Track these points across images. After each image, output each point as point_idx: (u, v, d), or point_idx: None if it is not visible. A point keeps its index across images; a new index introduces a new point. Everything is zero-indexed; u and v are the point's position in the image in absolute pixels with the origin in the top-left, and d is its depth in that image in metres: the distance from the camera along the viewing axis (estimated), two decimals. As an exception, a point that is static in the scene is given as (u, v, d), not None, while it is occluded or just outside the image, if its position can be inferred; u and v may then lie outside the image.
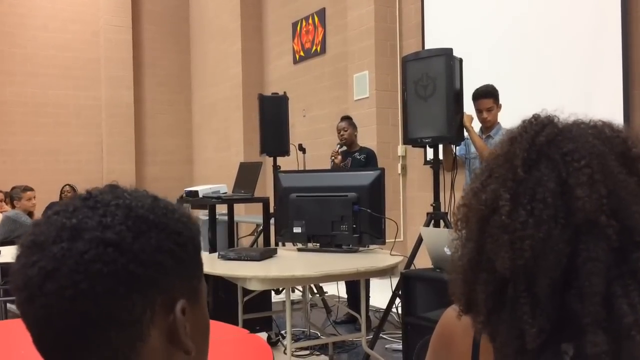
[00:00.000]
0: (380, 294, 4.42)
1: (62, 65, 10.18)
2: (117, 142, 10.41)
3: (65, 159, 10.16)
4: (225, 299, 3.50)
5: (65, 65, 10.21)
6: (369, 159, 4.59)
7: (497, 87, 3.81)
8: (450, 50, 3.50)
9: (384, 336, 3.95)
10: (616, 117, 4.43)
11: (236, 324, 3.36)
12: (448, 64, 3.46)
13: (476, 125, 3.78)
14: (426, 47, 5.92)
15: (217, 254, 3.13)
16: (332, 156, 4.58)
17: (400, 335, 2.94)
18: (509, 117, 4.18)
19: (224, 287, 3.46)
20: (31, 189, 5.37)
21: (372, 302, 4.47)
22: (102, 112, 10.45)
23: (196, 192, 4.29)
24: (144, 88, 10.88)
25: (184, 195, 4.43)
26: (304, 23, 8.15)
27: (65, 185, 7.14)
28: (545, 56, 4.96)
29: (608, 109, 4.48)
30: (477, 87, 3.81)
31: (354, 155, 4.64)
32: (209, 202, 4.20)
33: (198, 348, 0.61)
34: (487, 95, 3.76)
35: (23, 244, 0.57)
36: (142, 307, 0.56)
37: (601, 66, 4.57)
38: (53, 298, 0.54)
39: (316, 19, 7.89)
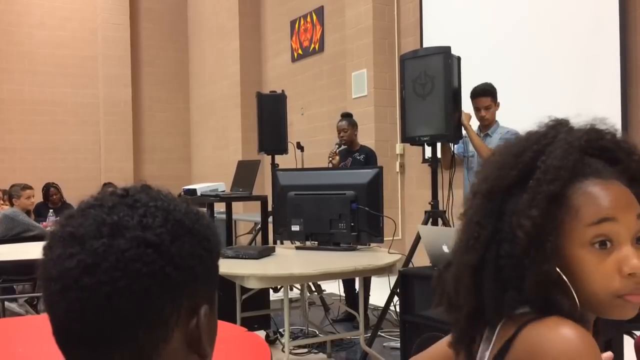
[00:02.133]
0: (378, 292, 4.43)
1: (60, 63, 10.16)
2: (115, 140, 10.40)
3: (63, 157, 10.14)
4: (224, 297, 3.50)
5: (63, 63, 10.19)
6: (368, 159, 4.58)
7: (496, 86, 3.81)
8: (449, 48, 3.50)
9: (382, 334, 3.95)
10: (614, 115, 4.47)
11: (234, 322, 3.36)
12: (446, 62, 3.46)
13: (474, 124, 3.78)
14: (424, 46, 5.92)
15: (215, 252, 3.13)
16: (329, 157, 4.57)
17: (398, 333, 2.94)
18: (507, 116, 4.22)
19: (222, 285, 3.46)
20: (30, 188, 5.36)
21: (370, 300, 4.48)
22: (99, 110, 10.44)
23: (194, 191, 4.29)
24: (141, 86, 10.86)
25: (182, 193, 4.43)
26: (302, 21, 8.14)
27: (51, 188, 6.93)
28: (544, 55, 4.97)
29: (606, 107, 4.49)
30: (475, 85, 3.81)
31: (354, 156, 4.63)
32: (207, 201, 4.20)
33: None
34: (485, 94, 3.76)
35: (57, 234, 0.58)
36: (171, 309, 0.57)
37: (599, 65, 4.57)
38: (89, 292, 0.54)
39: (314, 17, 7.89)
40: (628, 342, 2.44)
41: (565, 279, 0.76)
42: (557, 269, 0.76)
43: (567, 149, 0.78)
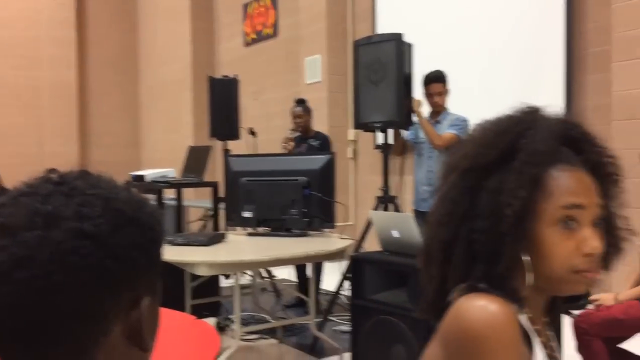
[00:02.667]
0: (330, 277, 4.46)
1: (1, 43, 9.69)
2: (60, 124, 10.02)
3: (4, 142, 9.71)
4: (172, 284, 3.45)
5: (4, 44, 9.71)
6: (323, 145, 4.58)
7: (447, 73, 3.87)
8: (401, 35, 3.52)
9: (333, 318, 3.99)
10: (558, 103, 4.60)
11: (183, 310, 3.32)
12: (399, 49, 3.49)
13: (425, 111, 3.83)
14: (377, 32, 5.94)
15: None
16: (284, 143, 4.54)
17: (349, 317, 2.97)
18: (457, 103, 4.30)
19: (171, 272, 3.41)
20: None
21: (322, 285, 4.50)
22: (43, 92, 10.03)
23: (143, 176, 4.20)
24: (88, 68, 10.49)
25: (131, 179, 4.32)
26: (255, 5, 8.02)
27: None
28: (493, 43, 5.06)
29: (550, 95, 4.62)
30: (427, 72, 3.86)
31: (309, 142, 4.62)
32: (156, 187, 4.11)
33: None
34: (438, 80, 3.81)
35: None
36: (110, 302, 0.55)
37: (544, 54, 4.70)
38: (22, 287, 0.51)
39: (268, 1, 7.79)
40: (567, 322, 2.54)
41: (528, 259, 0.81)
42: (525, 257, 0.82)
43: (548, 134, 0.83)
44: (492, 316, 0.76)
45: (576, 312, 2.67)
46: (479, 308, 0.77)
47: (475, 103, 4.66)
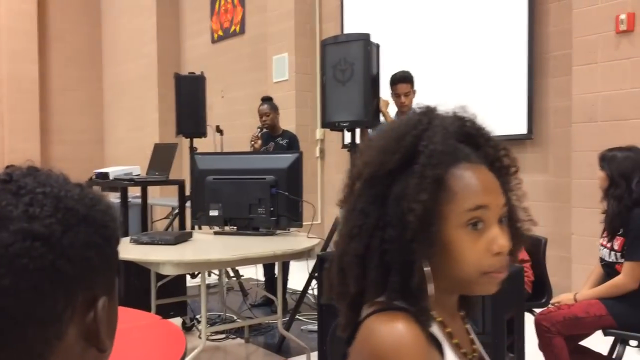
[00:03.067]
0: (297, 276, 4.46)
1: (-44, 34, 9.38)
2: (20, 120, 9.75)
3: (-39, 137, 9.42)
4: (138, 284, 3.39)
5: (-40, 35, 9.41)
6: (291, 144, 4.57)
7: (413, 74, 3.91)
8: (368, 35, 3.55)
9: (300, 317, 3.99)
10: (521, 104, 4.71)
11: (149, 310, 3.27)
12: (366, 49, 3.51)
13: (392, 111, 3.87)
14: (345, 31, 5.96)
15: (129, 238, 3.03)
16: (252, 141, 4.52)
17: (316, 316, 2.98)
18: (422, 104, 4.32)
19: (136, 272, 3.35)
20: None
21: (289, 285, 4.50)
22: (3, 87, 9.73)
23: (107, 174, 4.12)
24: (50, 63, 10.23)
25: (94, 177, 4.24)
26: (222, 1, 7.96)
27: None
28: (458, 45, 5.15)
29: (514, 96, 4.73)
30: (394, 72, 3.90)
31: (277, 140, 4.61)
32: (120, 185, 4.04)
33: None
34: (405, 80, 3.86)
35: None
36: (64, 305, 0.53)
37: (509, 55, 4.80)
38: None
39: (235, -3, 7.73)
40: (529, 320, 2.61)
41: (428, 269, 0.79)
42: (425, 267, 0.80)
43: (445, 134, 0.82)
44: (398, 338, 0.75)
45: (538, 310, 2.73)
46: (385, 330, 0.76)
47: (442, 104, 4.72)
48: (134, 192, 4.72)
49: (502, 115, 4.76)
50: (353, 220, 0.83)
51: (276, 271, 3.97)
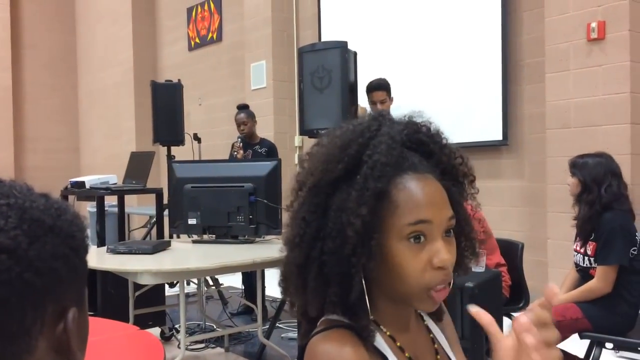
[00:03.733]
0: (276, 283, 4.44)
1: None
2: (-7, 128, 9.58)
3: None
4: (115, 294, 3.35)
5: None
6: (270, 152, 4.57)
7: (390, 81, 3.95)
8: (345, 43, 3.57)
9: (280, 325, 3.98)
10: (496, 110, 4.77)
11: (127, 320, 3.23)
12: (343, 56, 3.53)
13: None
14: (322, 39, 5.99)
15: (105, 247, 2.99)
16: (234, 151, 4.52)
17: (296, 324, 2.97)
18: (399, 111, 4.37)
19: (113, 282, 3.31)
20: None
21: (268, 292, 4.48)
22: (-26, 95, 9.56)
23: (83, 183, 4.07)
24: (23, 70, 10.07)
25: (69, 186, 4.18)
26: (199, 9, 7.93)
27: None
28: (434, 52, 5.21)
29: (489, 102, 4.80)
30: (371, 80, 3.93)
31: (255, 149, 4.60)
32: (96, 194, 3.99)
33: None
34: (381, 88, 3.89)
35: None
36: (32, 317, 0.51)
37: (483, 63, 4.87)
38: None
39: (212, 5, 7.72)
40: (507, 324, 2.64)
41: (363, 286, 0.77)
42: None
43: (390, 143, 0.79)
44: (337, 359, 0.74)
45: (516, 314, 2.77)
46: (324, 352, 0.75)
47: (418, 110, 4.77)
48: (111, 201, 4.66)
49: (478, 121, 4.83)
50: (295, 228, 0.81)
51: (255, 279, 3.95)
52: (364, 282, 0.77)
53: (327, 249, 0.78)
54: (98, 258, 2.80)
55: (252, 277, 4.44)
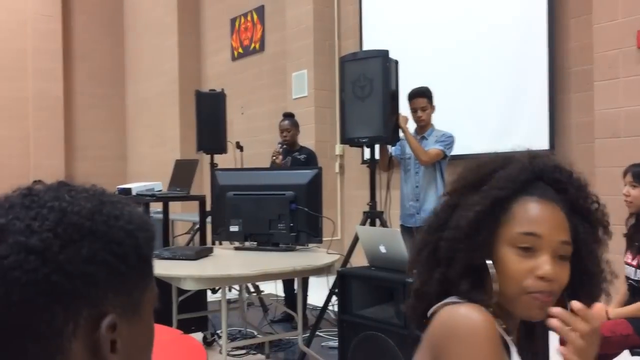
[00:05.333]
0: (317, 292, 4.45)
1: (-15, 54, 9.64)
2: (45, 137, 9.95)
3: (-12, 154, 9.63)
4: (159, 299, 3.42)
5: (-11, 55, 9.66)
6: (309, 160, 4.60)
7: (432, 90, 3.91)
8: (387, 52, 3.57)
9: (320, 334, 3.98)
10: (542, 119, 4.66)
11: (170, 324, 3.29)
12: (384, 65, 3.53)
13: (411, 127, 3.87)
14: (364, 48, 6.00)
15: (150, 253, 3.05)
16: (273, 156, 4.56)
17: (336, 332, 2.97)
18: (442, 119, 4.34)
19: (158, 287, 3.37)
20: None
21: (309, 300, 4.49)
22: (28, 104, 9.95)
23: (129, 190, 4.17)
24: (74, 81, 10.45)
25: (117, 192, 4.30)
26: (242, 19, 8.07)
27: None
28: (477, 60, 5.14)
29: (535, 111, 4.70)
30: (412, 88, 3.91)
31: (294, 155, 4.64)
32: (142, 200, 4.08)
33: None
34: (422, 95, 3.86)
35: None
36: (63, 319, 0.52)
37: (529, 71, 4.77)
38: None
39: (255, 16, 7.84)
40: (554, 338, 2.56)
41: (493, 270, 0.89)
42: (488, 261, 0.90)
43: (521, 168, 0.93)
44: (475, 322, 0.83)
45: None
46: (462, 315, 0.85)
47: (461, 120, 4.71)
48: (156, 207, 4.77)
49: (524, 130, 4.72)
50: (430, 220, 1.00)
51: (296, 287, 3.96)
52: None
53: (444, 236, 0.93)
54: (143, 263, 2.86)
55: (292, 284, 4.46)
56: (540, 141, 4.66)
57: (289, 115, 4.76)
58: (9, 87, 9.86)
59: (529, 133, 4.70)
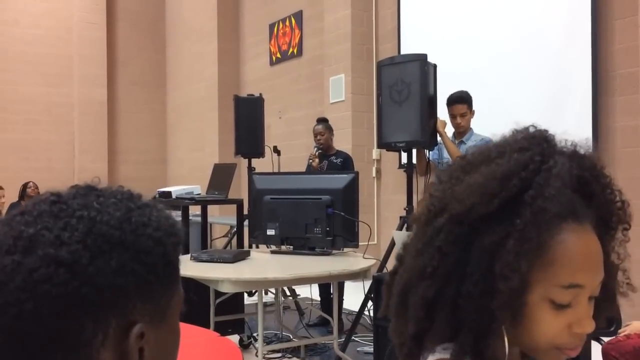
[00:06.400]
0: (353, 296, 4.44)
1: (33, 61, 9.98)
2: (90, 141, 10.25)
3: (36, 157, 9.96)
4: (197, 301, 3.47)
5: (37, 62, 10.01)
6: (345, 163, 4.60)
7: (471, 94, 3.86)
8: (425, 56, 3.54)
9: (356, 339, 3.96)
10: (585, 124, 4.54)
11: (208, 326, 3.34)
12: (422, 69, 3.50)
13: (449, 131, 3.83)
14: (402, 52, 5.96)
15: (189, 255, 3.11)
16: (310, 159, 4.59)
17: (372, 338, 2.95)
18: (482, 123, 4.27)
19: (196, 289, 3.43)
20: (1, 188, 5.26)
21: (345, 305, 4.48)
22: (74, 109, 10.28)
23: (169, 193, 4.26)
24: (117, 86, 10.73)
25: (157, 195, 4.39)
26: (280, 25, 8.14)
27: (29, 182, 6.91)
28: (518, 63, 5.05)
29: (578, 116, 4.58)
30: (451, 92, 3.86)
31: (331, 159, 4.65)
32: (182, 203, 4.16)
33: None
34: (461, 101, 3.81)
35: None
36: (93, 330, 0.53)
37: (571, 74, 4.66)
38: None
39: (293, 21, 7.90)
40: (596, 348, 2.49)
41: (504, 332, 0.71)
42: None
43: (559, 187, 0.68)
44: None
45: (606, 339, 2.61)
46: None
47: (501, 124, 4.63)
48: (195, 210, 4.85)
49: (566, 134, 4.61)
50: (428, 256, 0.71)
51: (332, 291, 3.96)
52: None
53: (465, 291, 0.69)
54: (182, 265, 2.91)
55: (328, 288, 4.46)
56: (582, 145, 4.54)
57: (322, 120, 4.79)
58: (56, 92, 10.20)
59: (571, 137, 4.58)
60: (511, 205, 0.69)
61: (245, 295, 4.22)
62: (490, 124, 4.11)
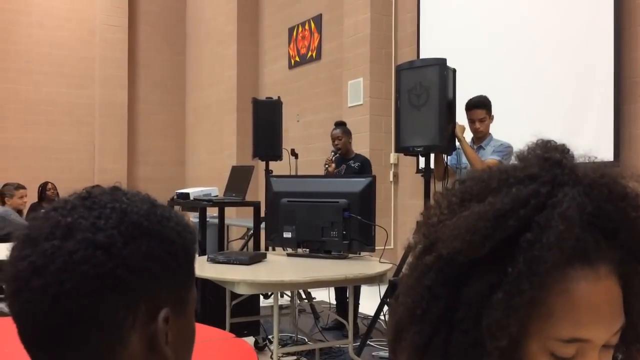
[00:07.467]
0: (368, 300, 4.42)
1: (56, 63, 10.15)
2: (110, 142, 10.38)
3: (57, 157, 10.11)
4: (213, 302, 3.49)
5: (59, 63, 10.17)
6: (363, 167, 4.60)
7: (490, 99, 3.83)
8: (444, 60, 3.53)
9: (372, 343, 3.95)
10: (607, 131, 4.49)
11: (223, 327, 3.35)
12: (442, 73, 3.49)
13: (468, 136, 3.80)
14: (421, 56, 5.95)
15: (206, 256, 3.13)
16: (326, 164, 4.59)
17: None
18: (501, 129, 4.24)
19: (213, 290, 3.45)
20: (23, 187, 5.35)
21: (360, 309, 4.47)
22: (95, 111, 10.42)
23: (187, 194, 4.29)
24: (138, 88, 10.86)
25: (175, 197, 4.43)
26: (300, 28, 8.17)
27: (48, 183, 7.01)
28: (538, 69, 5.00)
29: (599, 123, 4.53)
30: (470, 97, 3.84)
31: (349, 163, 4.65)
32: (199, 205, 4.19)
33: (179, 357, 0.62)
34: (480, 106, 3.78)
35: (18, 237, 0.58)
36: (125, 312, 0.56)
37: (593, 81, 4.61)
38: (38, 294, 0.54)
39: (312, 24, 7.92)
40: None
41: None
42: None
43: (563, 230, 0.56)
44: None
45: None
46: None
47: (521, 129, 4.59)
48: (212, 212, 4.88)
49: (586, 141, 4.56)
50: (418, 296, 0.63)
51: (348, 295, 3.96)
52: None
53: (455, 341, 0.60)
54: (199, 266, 2.94)
55: (344, 292, 4.46)
56: (604, 152, 4.49)
57: (340, 124, 4.79)
58: (77, 94, 10.35)
59: (592, 144, 4.53)
60: (506, 247, 0.57)
61: (261, 297, 4.23)
62: (510, 129, 4.09)
